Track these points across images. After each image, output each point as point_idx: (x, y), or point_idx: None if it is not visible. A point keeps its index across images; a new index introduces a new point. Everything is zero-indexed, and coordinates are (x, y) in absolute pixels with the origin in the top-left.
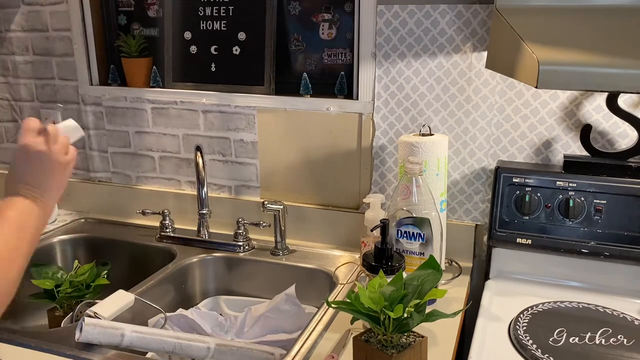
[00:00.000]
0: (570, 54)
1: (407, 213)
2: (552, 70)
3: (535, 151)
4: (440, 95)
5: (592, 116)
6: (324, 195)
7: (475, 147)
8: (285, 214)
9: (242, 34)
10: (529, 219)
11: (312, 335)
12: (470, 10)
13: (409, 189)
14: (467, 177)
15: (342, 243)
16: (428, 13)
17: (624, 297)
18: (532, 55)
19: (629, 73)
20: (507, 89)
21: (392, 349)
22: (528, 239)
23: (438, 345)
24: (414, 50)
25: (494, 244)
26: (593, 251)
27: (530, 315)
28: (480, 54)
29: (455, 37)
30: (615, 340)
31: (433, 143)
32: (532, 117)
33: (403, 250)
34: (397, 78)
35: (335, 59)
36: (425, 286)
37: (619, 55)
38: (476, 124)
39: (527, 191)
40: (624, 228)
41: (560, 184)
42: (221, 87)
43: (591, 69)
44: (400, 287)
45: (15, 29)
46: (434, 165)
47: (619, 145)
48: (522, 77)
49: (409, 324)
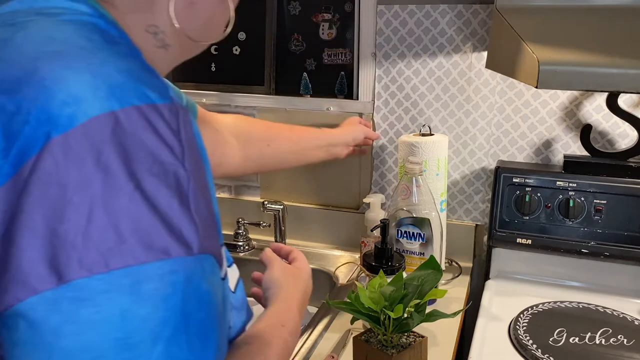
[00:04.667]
0: (570, 54)
1: (407, 213)
2: (552, 70)
3: (535, 151)
4: (440, 95)
5: (592, 116)
6: (324, 195)
7: (475, 147)
8: (285, 214)
9: (242, 34)
10: (529, 219)
11: (312, 335)
12: (470, 10)
13: (409, 189)
14: (467, 177)
15: (342, 243)
16: (428, 13)
17: (624, 297)
18: (532, 55)
19: (629, 73)
20: (507, 89)
21: (392, 349)
22: (528, 239)
23: (438, 345)
24: (414, 50)
25: (494, 244)
26: (593, 251)
27: (530, 315)
28: (481, 54)
29: (455, 37)
30: (615, 340)
31: (433, 143)
32: (532, 117)
33: (403, 250)
34: (397, 78)
35: (335, 59)
36: (426, 286)
37: (619, 55)
38: (476, 124)
39: (527, 191)
40: (624, 228)
41: (560, 184)
42: (221, 87)
43: (591, 69)
44: (400, 287)
45: None
46: (434, 165)
47: (619, 145)
48: (522, 77)
49: (409, 324)
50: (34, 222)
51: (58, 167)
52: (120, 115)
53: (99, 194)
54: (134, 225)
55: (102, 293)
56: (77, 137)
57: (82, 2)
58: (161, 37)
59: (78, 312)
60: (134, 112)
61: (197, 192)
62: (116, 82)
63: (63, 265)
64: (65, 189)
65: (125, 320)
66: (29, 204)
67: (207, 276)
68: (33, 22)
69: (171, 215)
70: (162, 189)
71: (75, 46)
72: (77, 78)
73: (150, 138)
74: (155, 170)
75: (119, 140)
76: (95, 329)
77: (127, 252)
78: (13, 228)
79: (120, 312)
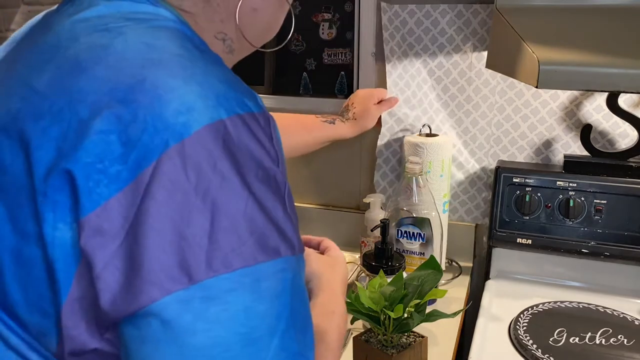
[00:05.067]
0: (570, 53)
1: (407, 213)
2: (552, 70)
3: (535, 151)
4: (441, 95)
5: (592, 116)
6: (324, 195)
7: (475, 147)
8: None
9: None
10: (529, 219)
11: None
12: (470, 10)
13: (410, 188)
14: (468, 177)
15: (342, 243)
16: (428, 13)
17: (624, 297)
18: (533, 55)
19: (630, 73)
20: (508, 88)
21: (392, 349)
22: (528, 239)
23: (438, 345)
24: (414, 50)
25: (494, 243)
26: (593, 251)
27: (530, 315)
28: (481, 53)
29: (455, 36)
30: (615, 340)
31: (438, 145)
32: (533, 117)
33: (403, 250)
34: (397, 78)
35: (335, 59)
36: (426, 286)
37: (619, 55)
38: (476, 124)
39: (527, 191)
40: (624, 228)
41: (560, 184)
42: None
43: (592, 68)
44: (400, 287)
45: (15, 29)
46: (438, 166)
47: (619, 145)
48: (523, 77)
49: (409, 324)
50: (161, 225)
51: (179, 173)
52: (228, 123)
53: (220, 199)
54: (251, 228)
55: (228, 292)
56: (193, 145)
57: (163, 7)
58: (229, 43)
59: (208, 310)
60: (238, 120)
61: (290, 195)
62: (221, 92)
63: (192, 266)
64: (189, 195)
65: (249, 316)
66: (154, 208)
67: (302, 273)
68: (127, 27)
69: (277, 218)
70: (268, 194)
71: (174, 54)
72: (186, 87)
73: (253, 145)
74: (260, 175)
75: (229, 147)
76: (223, 325)
77: (247, 252)
78: (139, 231)
79: (244, 309)
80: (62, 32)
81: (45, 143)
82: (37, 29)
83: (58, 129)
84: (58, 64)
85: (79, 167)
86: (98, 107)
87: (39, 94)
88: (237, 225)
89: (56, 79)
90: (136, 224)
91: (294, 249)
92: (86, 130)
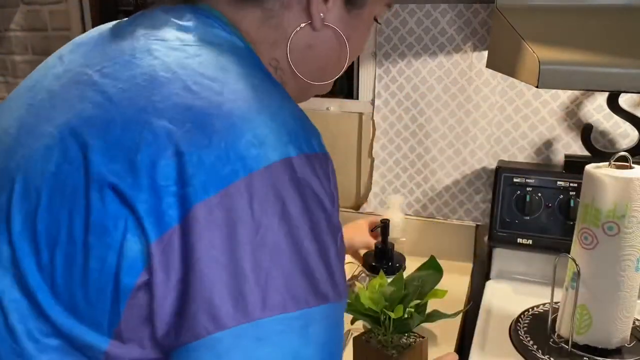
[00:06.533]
0: (571, 53)
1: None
2: (553, 69)
3: (536, 151)
4: (441, 94)
5: (593, 116)
6: None
7: (475, 147)
8: None
9: None
10: (529, 219)
11: None
12: (470, 9)
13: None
14: (468, 177)
15: None
16: (429, 12)
17: None
18: (533, 55)
19: (630, 72)
20: (508, 88)
21: (392, 349)
22: (529, 239)
23: (438, 346)
24: (414, 50)
25: (495, 244)
26: None
27: (530, 315)
28: (481, 53)
29: (455, 36)
30: None
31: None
32: (533, 116)
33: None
34: (398, 77)
35: None
36: (426, 287)
37: (620, 54)
38: (477, 124)
39: (527, 191)
40: None
41: (561, 184)
42: None
43: (592, 68)
44: (400, 287)
45: (15, 29)
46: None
47: (620, 145)
48: (523, 77)
49: (409, 324)
50: (221, 256)
51: (245, 207)
52: (295, 162)
53: (280, 238)
54: (308, 271)
55: (278, 334)
56: (261, 179)
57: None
58: (280, 73)
59: (257, 350)
60: (305, 160)
61: (342, 239)
62: (292, 129)
63: (250, 304)
64: (252, 229)
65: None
66: (219, 240)
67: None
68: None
69: (332, 263)
70: (328, 238)
71: (250, 84)
72: (260, 119)
73: (318, 187)
74: (322, 216)
75: (296, 187)
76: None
77: (301, 296)
78: (196, 257)
79: (292, 353)
80: (137, 47)
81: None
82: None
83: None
84: (133, 77)
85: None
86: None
87: (113, 104)
88: (294, 266)
89: (132, 91)
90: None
91: (340, 297)
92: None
